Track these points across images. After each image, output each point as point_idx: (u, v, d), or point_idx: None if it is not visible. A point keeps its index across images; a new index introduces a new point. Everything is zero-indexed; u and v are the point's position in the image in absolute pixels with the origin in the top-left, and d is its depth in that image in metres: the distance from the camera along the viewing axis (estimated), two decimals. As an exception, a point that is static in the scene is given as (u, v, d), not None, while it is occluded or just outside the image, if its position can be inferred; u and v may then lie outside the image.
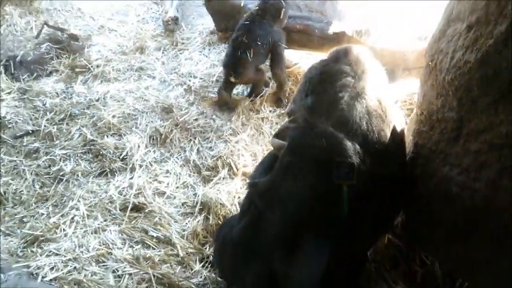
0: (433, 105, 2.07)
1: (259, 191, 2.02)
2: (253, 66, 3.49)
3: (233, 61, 3.46)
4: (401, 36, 3.70)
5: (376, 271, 2.34)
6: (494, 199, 1.80)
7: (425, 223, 2.21)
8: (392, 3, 4.33)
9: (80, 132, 3.34)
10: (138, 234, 2.62)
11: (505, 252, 1.81)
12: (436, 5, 3.30)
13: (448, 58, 1.93)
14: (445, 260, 2.14)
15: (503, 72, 1.67)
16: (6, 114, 3.49)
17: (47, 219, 2.72)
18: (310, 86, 2.08)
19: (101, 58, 4.09)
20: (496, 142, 1.75)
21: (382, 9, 4.26)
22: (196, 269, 2.45)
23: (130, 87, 3.76)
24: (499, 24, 1.66)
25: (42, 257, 2.45)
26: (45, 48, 4.15)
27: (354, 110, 1.93)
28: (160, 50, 4.24)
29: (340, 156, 1.84)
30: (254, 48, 3.39)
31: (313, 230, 1.93)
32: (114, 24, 4.62)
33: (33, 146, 3.27)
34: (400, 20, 4.13)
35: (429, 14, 3.91)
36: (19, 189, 2.96)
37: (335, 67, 2.05)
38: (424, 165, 2.18)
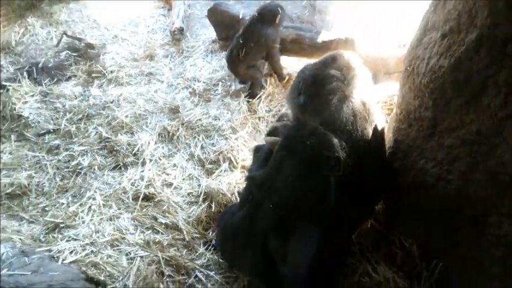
0: (411, 105, 2.07)
1: (257, 183, 2.01)
2: (245, 64, 3.55)
3: (228, 59, 3.62)
4: (383, 44, 3.69)
5: (360, 252, 2.33)
6: (466, 189, 1.80)
7: (404, 210, 2.21)
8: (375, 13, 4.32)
9: (96, 131, 3.31)
10: (148, 221, 2.61)
11: (475, 237, 1.81)
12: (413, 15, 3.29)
13: (424, 63, 1.92)
14: (422, 243, 2.14)
15: (474, 76, 1.66)
16: (29, 115, 3.46)
17: (67, 208, 2.70)
18: (303, 86, 2.07)
19: (115, 64, 4.06)
20: (467, 138, 1.75)
21: (366, 19, 4.25)
22: (200, 251, 2.44)
23: (141, 90, 3.73)
24: (469, 33, 1.65)
25: (62, 242, 2.43)
26: (65, 56, 4.11)
27: (341, 111, 1.93)
28: (168, 57, 4.21)
29: (328, 152, 1.83)
30: (247, 48, 3.45)
31: (305, 216, 1.93)
32: (126, 34, 4.58)
33: (54, 143, 3.24)
34: (382, 28, 4.12)
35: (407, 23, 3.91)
36: (41, 182, 2.94)
37: (327, 71, 2.05)
38: (402, 159, 2.18)
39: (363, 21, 4.17)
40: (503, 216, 1.67)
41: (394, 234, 2.26)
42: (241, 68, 3.57)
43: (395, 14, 4.27)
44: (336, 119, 1.92)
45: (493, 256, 1.73)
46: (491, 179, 1.67)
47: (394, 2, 4.51)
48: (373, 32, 3.94)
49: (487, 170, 1.68)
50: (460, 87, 1.73)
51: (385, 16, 4.27)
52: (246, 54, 3.46)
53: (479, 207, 1.76)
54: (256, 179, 2.05)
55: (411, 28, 2.30)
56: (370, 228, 2.42)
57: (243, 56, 3.47)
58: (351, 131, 1.92)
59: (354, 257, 2.31)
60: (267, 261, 2.06)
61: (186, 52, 4.25)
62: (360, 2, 4.64)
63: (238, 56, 3.48)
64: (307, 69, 2.16)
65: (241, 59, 3.48)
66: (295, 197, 1.88)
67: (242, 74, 3.63)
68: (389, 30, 3.98)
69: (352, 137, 1.92)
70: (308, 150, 1.85)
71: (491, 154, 1.65)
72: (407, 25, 3.81)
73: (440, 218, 1.98)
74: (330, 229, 1.93)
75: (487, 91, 1.62)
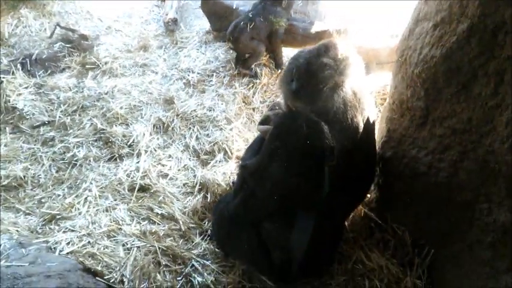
0: (403, 95, 2.08)
1: (249, 171, 2.03)
2: (250, 35, 3.61)
3: (233, 29, 3.66)
4: (376, 34, 3.69)
5: (353, 240, 2.36)
6: (457, 177, 1.83)
7: (397, 198, 2.23)
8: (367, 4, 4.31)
9: (91, 122, 3.29)
10: (144, 212, 2.61)
11: (466, 223, 1.84)
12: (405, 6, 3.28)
13: (416, 54, 1.93)
14: (414, 230, 2.17)
15: (465, 66, 1.67)
16: (24, 107, 3.42)
17: (63, 200, 2.69)
18: (296, 73, 2.06)
19: (109, 56, 4.02)
20: (458, 127, 1.77)
21: (359, 10, 4.24)
22: (196, 241, 2.45)
23: (135, 81, 3.71)
24: (461, 23, 1.66)
25: (59, 233, 2.43)
26: (58, 47, 4.07)
27: (332, 100, 1.93)
28: (162, 48, 4.18)
29: (319, 140, 1.84)
30: (255, 22, 3.60)
31: (298, 204, 1.95)
32: (120, 25, 4.53)
33: (49, 135, 3.22)
34: (374, 19, 4.11)
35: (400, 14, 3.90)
36: (37, 174, 2.92)
37: (320, 59, 2.03)
38: (395, 148, 2.20)
39: (356, 12, 4.16)
40: (492, 203, 1.70)
41: (387, 222, 2.29)
42: (245, 38, 3.61)
43: (387, 4, 4.26)
44: (326, 108, 1.92)
45: (483, 242, 1.76)
46: (481, 167, 1.69)
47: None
48: (365, 23, 3.93)
49: (477, 159, 1.70)
50: (452, 76, 1.74)
51: (378, 7, 4.26)
52: (253, 27, 3.59)
53: (470, 195, 1.78)
54: (248, 167, 2.06)
55: (403, 19, 2.30)
56: (364, 216, 2.45)
57: (250, 28, 3.57)
58: (341, 119, 1.92)
59: (348, 244, 2.34)
60: (262, 249, 2.09)
61: (180, 43, 4.23)
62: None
63: (246, 28, 3.58)
64: (301, 57, 2.14)
65: (248, 30, 3.57)
66: (287, 186, 1.90)
67: (243, 44, 3.65)
68: (382, 21, 3.97)
69: (343, 126, 1.92)
70: (300, 139, 1.86)
71: (481, 143, 1.67)
72: (400, 16, 3.82)
73: (431, 205, 2.00)
74: (323, 216, 1.95)
75: (477, 80, 1.63)
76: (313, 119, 1.89)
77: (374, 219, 2.36)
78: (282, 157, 1.89)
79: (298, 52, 2.25)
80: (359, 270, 2.21)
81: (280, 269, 2.07)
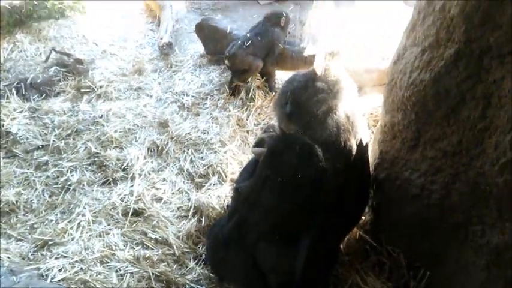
0: (395, 118, 2.11)
1: (242, 196, 2.03)
2: (246, 51, 3.67)
3: (230, 47, 3.74)
4: (367, 57, 3.76)
5: (349, 263, 2.35)
6: (449, 199, 1.84)
7: (391, 220, 2.24)
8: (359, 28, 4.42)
9: (85, 146, 3.29)
10: (138, 237, 2.59)
11: (460, 245, 1.84)
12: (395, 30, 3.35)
13: (406, 77, 1.96)
14: (409, 252, 2.16)
15: (453, 90, 1.71)
16: (18, 131, 3.43)
17: (56, 225, 2.67)
18: (291, 97, 2.09)
19: (104, 79, 4.05)
20: (449, 150, 1.79)
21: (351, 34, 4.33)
22: (191, 266, 2.43)
23: (130, 105, 3.73)
24: (448, 48, 1.71)
25: (51, 259, 2.40)
26: (53, 71, 4.09)
27: (326, 123, 1.95)
28: (156, 72, 4.22)
29: (313, 163, 1.85)
30: (253, 40, 3.69)
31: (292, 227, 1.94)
32: (115, 49, 4.58)
33: (42, 159, 3.21)
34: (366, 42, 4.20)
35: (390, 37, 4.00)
36: (30, 198, 2.90)
37: (314, 83, 2.06)
38: (388, 170, 2.21)
39: (348, 36, 4.25)
40: (485, 225, 1.71)
41: (382, 244, 2.28)
42: (241, 53, 3.67)
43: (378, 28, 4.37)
44: (320, 131, 1.94)
45: (477, 263, 1.76)
46: (472, 189, 1.71)
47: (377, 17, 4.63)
48: (357, 46, 4.02)
49: (468, 181, 1.72)
50: (441, 100, 1.77)
51: (369, 31, 4.36)
52: (250, 44, 3.68)
53: (463, 217, 1.79)
54: (242, 190, 2.07)
55: (393, 42, 2.36)
56: (359, 238, 2.44)
57: (247, 45, 3.66)
58: (335, 142, 1.94)
59: (343, 267, 2.32)
60: (257, 272, 2.07)
61: (175, 66, 4.27)
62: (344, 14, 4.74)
63: (243, 45, 3.67)
64: (295, 80, 2.18)
65: (245, 47, 3.66)
66: (280, 210, 1.90)
67: (239, 60, 3.69)
68: (373, 44, 4.06)
69: (336, 149, 1.94)
70: (294, 162, 1.87)
71: (472, 165, 1.69)
72: (390, 39, 3.91)
73: (425, 227, 2.01)
74: (317, 239, 1.94)
75: (466, 104, 1.67)
76: (306, 142, 1.91)
77: (369, 242, 2.35)
78: (276, 180, 1.90)
79: (292, 75, 2.29)
80: (355, 294, 2.19)
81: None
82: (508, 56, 1.50)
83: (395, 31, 3.49)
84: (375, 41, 4.13)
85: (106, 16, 5.13)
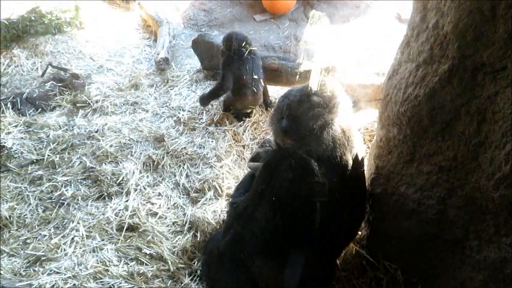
0: (390, 132, 2.12)
1: (237, 212, 2.02)
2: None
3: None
4: (362, 72, 3.80)
5: (345, 279, 2.33)
6: (445, 214, 1.84)
7: (387, 235, 2.23)
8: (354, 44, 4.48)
9: (80, 161, 3.27)
10: (132, 252, 2.56)
11: (457, 261, 1.83)
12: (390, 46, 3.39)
13: (401, 93, 1.98)
14: (406, 268, 2.15)
15: (448, 105, 1.72)
16: (12, 145, 3.40)
17: (49, 240, 2.63)
18: (287, 111, 2.10)
19: (100, 94, 4.06)
20: (444, 164, 1.79)
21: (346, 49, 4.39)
22: (185, 282, 2.39)
23: (126, 119, 3.73)
24: (442, 64, 1.72)
25: (43, 275, 2.36)
26: (50, 86, 4.09)
27: (322, 137, 1.96)
28: (153, 87, 4.23)
29: (309, 178, 1.85)
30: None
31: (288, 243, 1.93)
32: (112, 65, 4.60)
33: (37, 174, 3.18)
34: (361, 58, 4.26)
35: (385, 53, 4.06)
36: (23, 213, 2.87)
37: (310, 98, 2.08)
38: (384, 185, 2.21)
39: (343, 52, 4.30)
40: (482, 240, 1.70)
41: (379, 260, 2.27)
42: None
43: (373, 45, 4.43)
44: (316, 146, 1.95)
45: (474, 279, 1.75)
46: (469, 204, 1.71)
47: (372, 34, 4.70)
48: (352, 62, 4.06)
49: (464, 196, 1.72)
50: (436, 115, 1.78)
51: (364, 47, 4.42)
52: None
53: (459, 232, 1.79)
54: (237, 207, 2.06)
55: (388, 58, 2.38)
56: (355, 254, 2.43)
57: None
58: (331, 157, 1.95)
59: (340, 283, 2.30)
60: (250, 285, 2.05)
61: (171, 82, 4.29)
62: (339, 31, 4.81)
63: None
64: (291, 95, 2.19)
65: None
66: (276, 224, 1.89)
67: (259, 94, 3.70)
68: (368, 60, 4.11)
69: (332, 163, 1.95)
70: (290, 176, 1.87)
71: (468, 179, 1.69)
72: (385, 55, 3.97)
73: (422, 242, 2.00)
74: (314, 255, 1.93)
75: (460, 119, 1.68)
76: (302, 157, 1.91)
77: (366, 257, 2.34)
78: (272, 195, 1.89)
79: (288, 90, 2.30)
80: (352, 310, 2.17)
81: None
82: (501, 71, 1.52)
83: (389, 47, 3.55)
84: (370, 57, 4.18)
85: (103, 31, 5.18)
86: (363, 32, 4.79)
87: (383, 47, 4.25)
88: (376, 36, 4.67)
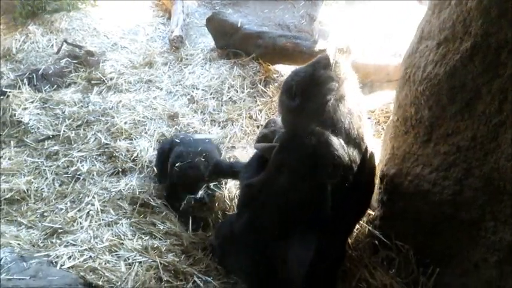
0: (407, 112, 2.08)
1: (256, 189, 2.00)
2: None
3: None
4: (378, 52, 3.73)
5: (357, 258, 2.33)
6: (462, 194, 1.81)
7: (401, 216, 2.22)
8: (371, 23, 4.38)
9: (95, 137, 3.30)
10: (146, 227, 2.59)
11: (471, 242, 1.82)
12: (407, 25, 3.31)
13: (420, 71, 1.94)
14: (419, 248, 2.14)
15: (469, 84, 1.68)
16: (29, 121, 3.45)
17: (65, 214, 2.68)
18: (299, 89, 2.05)
19: (114, 72, 4.07)
20: (462, 145, 1.76)
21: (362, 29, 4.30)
22: (198, 256, 2.42)
23: (140, 97, 3.74)
24: (464, 42, 1.68)
25: (60, 247, 2.41)
26: (65, 63, 4.12)
27: (338, 110, 1.91)
28: (166, 65, 4.22)
29: (328, 153, 1.82)
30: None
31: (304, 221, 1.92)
32: (126, 42, 4.60)
33: (53, 149, 3.23)
34: (377, 38, 4.17)
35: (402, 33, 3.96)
36: (40, 187, 2.92)
37: (321, 73, 2.01)
38: (399, 165, 2.19)
39: (359, 31, 4.22)
40: (498, 221, 1.68)
41: (391, 240, 2.26)
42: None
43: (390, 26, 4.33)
44: (334, 119, 1.90)
45: (489, 261, 1.73)
46: (486, 185, 1.68)
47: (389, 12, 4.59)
48: (368, 41, 3.99)
49: (482, 176, 1.69)
50: (456, 94, 1.75)
51: (381, 28, 4.32)
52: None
53: (475, 213, 1.77)
54: (254, 185, 2.04)
55: (405, 38, 2.33)
56: (368, 233, 2.42)
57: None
58: (348, 130, 1.91)
59: (351, 262, 2.31)
60: (269, 268, 2.05)
61: (185, 60, 4.28)
62: (356, 13, 4.71)
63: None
64: (301, 72, 2.11)
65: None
66: (294, 202, 1.88)
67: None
68: (384, 40, 4.03)
69: (349, 136, 1.91)
70: (307, 152, 1.84)
71: (486, 160, 1.66)
72: (402, 35, 3.87)
73: (436, 223, 1.98)
74: (329, 234, 1.92)
75: (481, 98, 1.64)
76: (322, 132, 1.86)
77: (378, 237, 2.33)
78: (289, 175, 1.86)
79: (296, 69, 2.21)
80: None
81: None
82: (526, 49, 1.47)
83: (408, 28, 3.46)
84: (387, 38, 4.10)
85: (117, 9, 5.15)
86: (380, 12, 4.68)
87: (401, 28, 4.14)
88: (394, 16, 4.56)
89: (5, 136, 3.35)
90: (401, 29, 4.18)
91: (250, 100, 3.71)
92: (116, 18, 4.98)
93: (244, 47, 4.11)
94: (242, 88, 3.81)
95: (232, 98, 3.73)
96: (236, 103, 3.68)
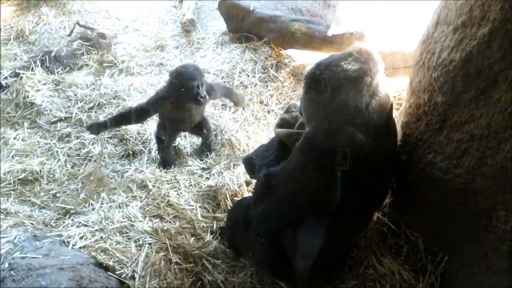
0: (420, 99, 2.05)
1: (280, 180, 1.95)
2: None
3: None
4: (391, 39, 3.66)
5: (365, 245, 2.33)
6: (473, 183, 1.79)
7: (411, 203, 2.20)
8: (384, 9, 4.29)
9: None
10: (156, 210, 2.62)
11: (482, 231, 1.80)
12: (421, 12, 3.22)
13: (434, 57, 1.90)
14: (428, 236, 2.13)
15: (485, 71, 1.64)
16: (42, 103, 3.49)
17: (77, 195, 2.73)
18: (331, 83, 1.89)
19: (126, 54, 4.07)
20: (476, 133, 1.73)
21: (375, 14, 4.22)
22: (207, 239, 2.45)
23: (151, 80, 3.75)
24: (482, 27, 1.63)
25: (72, 227, 2.45)
26: (77, 45, 4.14)
27: (370, 105, 1.85)
28: (178, 48, 4.21)
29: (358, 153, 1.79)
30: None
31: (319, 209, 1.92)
32: (138, 25, 4.60)
33: (65, 131, 3.27)
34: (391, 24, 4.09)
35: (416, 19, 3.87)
36: (53, 168, 2.97)
37: (355, 66, 1.87)
38: (410, 152, 2.17)
39: (372, 16, 4.14)
40: (510, 211, 1.66)
41: (400, 227, 2.25)
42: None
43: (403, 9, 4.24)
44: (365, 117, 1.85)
45: (499, 250, 1.72)
46: (499, 174, 1.66)
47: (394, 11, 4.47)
48: (381, 27, 3.91)
49: (495, 165, 1.67)
50: (471, 81, 1.71)
51: (394, 11, 4.23)
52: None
53: (487, 202, 1.75)
54: (278, 176, 2.00)
55: (419, 24, 2.26)
56: (376, 220, 2.42)
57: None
58: (378, 125, 1.86)
59: (359, 249, 2.31)
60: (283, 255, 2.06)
61: (197, 44, 4.26)
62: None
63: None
64: (332, 65, 1.93)
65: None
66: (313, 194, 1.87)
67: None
68: (398, 26, 3.95)
69: (378, 130, 1.86)
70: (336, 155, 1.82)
71: (500, 149, 1.63)
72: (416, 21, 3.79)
73: (446, 211, 1.97)
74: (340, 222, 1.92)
75: (497, 86, 1.60)
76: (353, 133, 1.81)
77: (387, 224, 2.33)
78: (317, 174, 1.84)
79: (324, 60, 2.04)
80: (370, 275, 2.17)
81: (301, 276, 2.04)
82: (546, 35, 1.42)
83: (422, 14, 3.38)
84: (401, 25, 4.01)
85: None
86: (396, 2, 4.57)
87: (416, 14, 4.05)
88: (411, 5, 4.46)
89: (18, 117, 3.40)
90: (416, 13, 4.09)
91: (261, 85, 3.69)
92: (128, 1, 4.96)
93: (256, 31, 4.07)
94: (253, 73, 3.79)
95: (244, 82, 3.71)
96: (247, 88, 3.66)
